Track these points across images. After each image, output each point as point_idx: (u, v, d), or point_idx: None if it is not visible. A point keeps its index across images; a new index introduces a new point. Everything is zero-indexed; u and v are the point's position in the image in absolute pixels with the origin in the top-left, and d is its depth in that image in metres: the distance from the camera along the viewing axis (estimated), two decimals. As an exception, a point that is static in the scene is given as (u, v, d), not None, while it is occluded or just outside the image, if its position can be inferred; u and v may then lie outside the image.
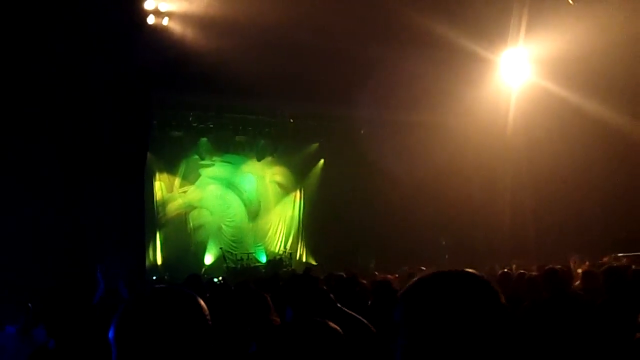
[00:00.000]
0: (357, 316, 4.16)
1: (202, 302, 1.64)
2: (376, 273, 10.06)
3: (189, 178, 18.22)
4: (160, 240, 17.25)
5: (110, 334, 1.56)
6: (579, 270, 9.27)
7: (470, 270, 1.47)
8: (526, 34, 13.67)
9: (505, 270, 8.43)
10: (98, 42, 10.26)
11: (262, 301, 4.13)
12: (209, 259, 17.87)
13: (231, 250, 17.94)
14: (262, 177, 19.32)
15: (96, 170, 10.39)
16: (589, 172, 14.19)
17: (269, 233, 19.31)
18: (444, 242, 17.39)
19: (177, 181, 18.04)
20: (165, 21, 12.45)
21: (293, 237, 19.41)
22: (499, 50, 14.59)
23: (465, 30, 12.81)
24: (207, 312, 1.64)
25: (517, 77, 15.20)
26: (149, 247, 15.96)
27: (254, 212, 19.09)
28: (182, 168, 18.08)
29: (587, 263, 10.09)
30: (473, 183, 18.18)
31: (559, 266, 6.10)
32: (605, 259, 9.78)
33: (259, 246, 18.84)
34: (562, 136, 14.41)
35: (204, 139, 18.02)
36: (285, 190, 19.73)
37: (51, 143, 10.06)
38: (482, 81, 15.13)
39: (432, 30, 12.32)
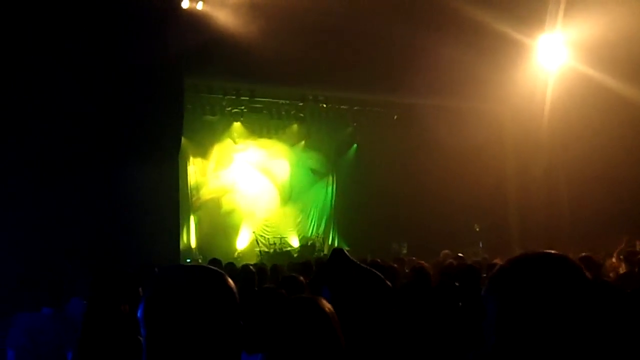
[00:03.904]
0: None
1: (230, 281, 1.63)
2: (414, 258, 9.97)
3: (223, 162, 18.34)
4: (195, 223, 17.44)
5: (139, 314, 1.56)
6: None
7: (554, 251, 1.52)
8: (564, 17, 13.39)
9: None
10: (133, 26, 10.37)
11: (297, 283, 4.20)
12: (241, 242, 18.00)
13: (264, 235, 18.06)
14: (295, 161, 19.32)
15: (132, 155, 10.54)
16: (626, 160, 13.89)
17: (302, 217, 19.35)
18: (477, 229, 17.22)
19: (210, 165, 18.17)
20: (199, 5, 12.51)
21: (325, 221, 19.43)
22: (535, 35, 14.32)
23: (501, 13, 12.60)
24: (235, 290, 1.63)
25: (554, 62, 14.92)
26: (182, 230, 16.13)
27: (287, 197, 19.15)
28: (215, 152, 18.22)
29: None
30: (508, 169, 18.01)
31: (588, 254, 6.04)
32: None
33: (291, 230, 18.93)
34: (600, 123, 14.12)
35: (237, 124, 18.11)
36: (318, 175, 19.72)
37: (87, 128, 10.22)
38: (519, 66, 14.89)
39: (467, 13, 12.15)
